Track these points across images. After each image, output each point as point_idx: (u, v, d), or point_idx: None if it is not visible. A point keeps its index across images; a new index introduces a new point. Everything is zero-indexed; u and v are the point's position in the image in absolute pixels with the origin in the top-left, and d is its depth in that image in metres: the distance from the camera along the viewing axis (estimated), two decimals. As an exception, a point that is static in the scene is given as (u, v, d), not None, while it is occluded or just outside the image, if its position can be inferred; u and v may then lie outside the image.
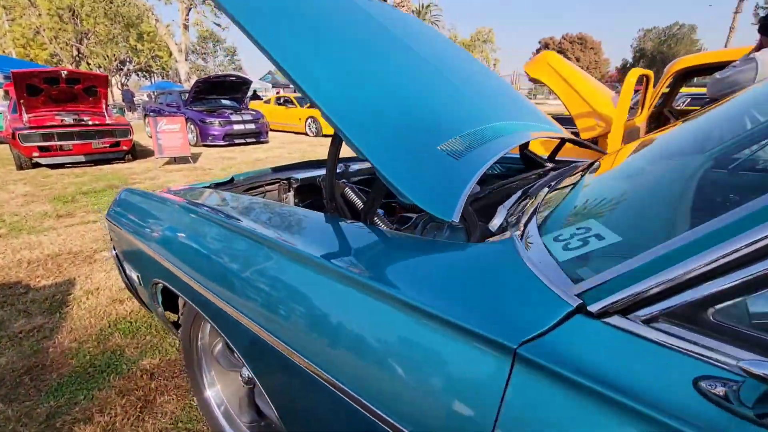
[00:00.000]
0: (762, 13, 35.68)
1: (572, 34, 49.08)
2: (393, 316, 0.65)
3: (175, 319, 1.58)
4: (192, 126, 8.92)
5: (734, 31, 31.98)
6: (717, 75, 2.52)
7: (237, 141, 9.29)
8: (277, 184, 1.89)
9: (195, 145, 8.81)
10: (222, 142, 9.01)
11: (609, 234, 0.63)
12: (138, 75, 35.75)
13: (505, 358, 0.51)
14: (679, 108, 5.41)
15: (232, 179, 1.84)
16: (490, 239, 0.83)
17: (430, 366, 0.59)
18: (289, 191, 1.84)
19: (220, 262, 1.02)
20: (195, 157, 7.38)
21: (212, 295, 1.01)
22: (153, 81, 34.59)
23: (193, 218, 1.20)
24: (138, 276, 1.39)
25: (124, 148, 6.97)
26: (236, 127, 9.18)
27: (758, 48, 2.38)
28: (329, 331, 0.74)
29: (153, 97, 18.22)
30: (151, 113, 10.47)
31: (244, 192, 1.80)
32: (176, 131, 6.68)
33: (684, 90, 7.55)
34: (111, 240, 1.64)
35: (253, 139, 9.60)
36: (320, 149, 9.05)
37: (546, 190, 1.04)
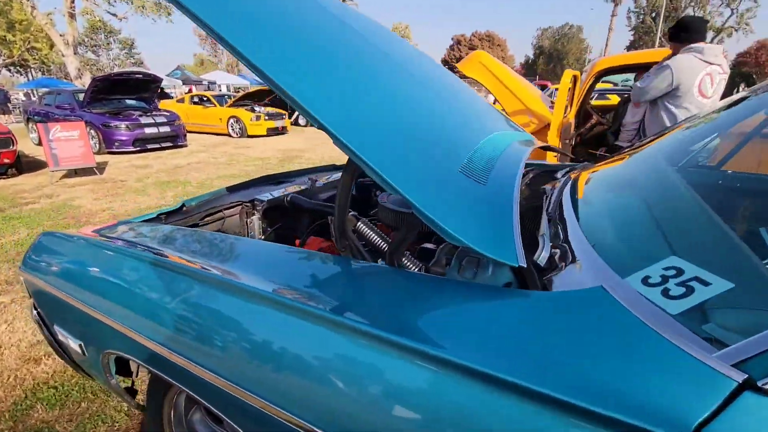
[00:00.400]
0: (633, 17, 41.19)
1: (481, 32, 52.18)
2: (467, 392, 0.54)
3: (129, 384, 1.29)
4: (93, 131, 7.78)
5: (612, 32, 36.63)
6: (638, 84, 2.77)
7: (150, 146, 8.31)
8: (237, 208, 1.64)
9: (98, 153, 7.69)
10: (132, 148, 7.99)
11: (712, 278, 0.58)
12: (9, 71, 30.50)
13: (677, 457, 0.42)
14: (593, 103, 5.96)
15: (182, 206, 1.56)
16: (550, 279, 0.75)
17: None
18: (254, 215, 1.61)
19: (201, 323, 0.82)
20: (101, 168, 6.44)
21: (195, 366, 0.81)
22: (31, 77, 29.75)
23: (152, 268, 0.96)
24: (81, 345, 1.09)
25: (6, 161, 5.83)
26: (148, 130, 8.20)
27: (673, 54, 2.66)
28: (378, 418, 0.60)
29: (35, 96, 15.63)
30: (36, 117, 8.96)
31: (200, 220, 1.54)
32: (75, 138, 5.75)
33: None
34: (30, 296, 1.29)
35: (169, 144, 8.67)
36: (248, 152, 8.47)
37: (569, 209, 0.99)
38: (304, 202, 1.61)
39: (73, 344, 1.11)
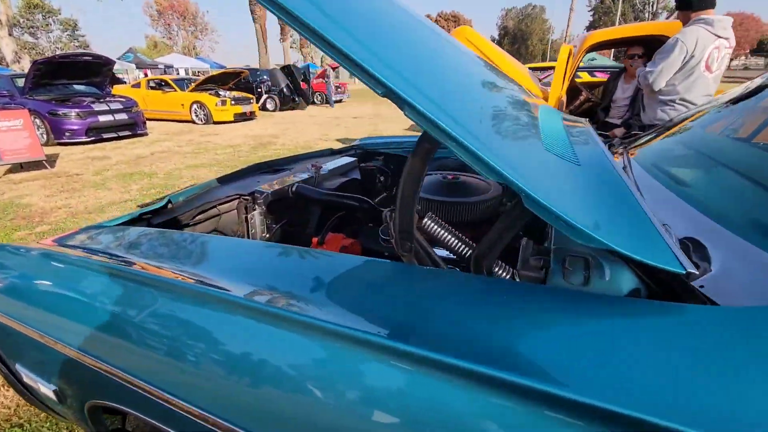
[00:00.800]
0: (594, -3, 41.94)
1: (447, 12, 51.82)
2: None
3: (119, 425, 1.06)
4: (38, 120, 7.03)
5: (573, 12, 37.40)
6: (649, 68, 2.51)
7: (106, 136, 7.62)
8: (234, 202, 1.39)
9: (46, 145, 6.98)
10: (85, 138, 7.29)
11: None
12: (-66, 55, 27.45)
13: None
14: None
15: (168, 202, 1.29)
16: (687, 284, 0.58)
17: None
18: (255, 209, 1.37)
19: (227, 363, 0.61)
20: (51, 161, 5.82)
21: (216, 419, 0.61)
22: (-40, 63, 26.87)
23: (142, 288, 0.73)
24: (56, 391, 0.84)
25: (-63, 155, 5.14)
26: (102, 118, 7.50)
27: (684, 23, 2.54)
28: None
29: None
30: (-31, 106, 8.02)
31: (192, 218, 1.28)
32: (18, 128, 5.13)
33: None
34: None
35: (128, 132, 7.99)
36: (216, 139, 7.96)
37: (663, 193, 0.83)
38: (314, 192, 1.39)
39: (45, 390, 0.86)
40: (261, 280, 0.73)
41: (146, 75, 18.37)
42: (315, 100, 15.35)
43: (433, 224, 0.75)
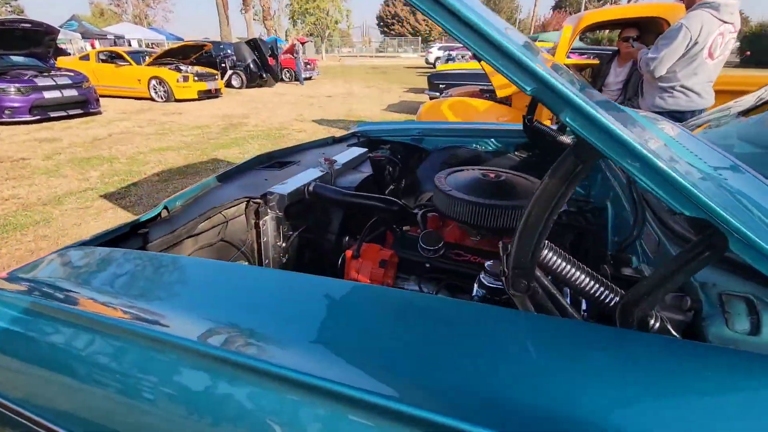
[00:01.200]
0: (560, -23, 42.23)
1: (415, -13, 50.56)
2: None
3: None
4: (-30, 96, 6.22)
5: (540, -8, 37.45)
6: (651, 54, 2.44)
7: (54, 114, 6.87)
8: (242, 205, 1.17)
9: (-18, 124, 6.24)
10: (29, 117, 6.55)
11: None
12: None
13: None
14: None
15: (164, 210, 1.06)
16: None
17: None
18: (267, 214, 1.17)
19: None
20: (-9, 143, 5.18)
21: None
22: None
23: (91, 345, 0.60)
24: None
25: None
26: (48, 94, 6.74)
27: (688, 7, 2.46)
28: None
29: None
30: None
31: (195, 228, 1.06)
32: (-52, 107, 4.48)
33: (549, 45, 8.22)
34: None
35: (79, 111, 7.25)
36: (181, 119, 7.39)
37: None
38: (336, 193, 1.20)
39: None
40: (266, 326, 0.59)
41: (93, 46, 16.81)
42: (283, 77, 14.64)
43: (556, 257, 0.58)
